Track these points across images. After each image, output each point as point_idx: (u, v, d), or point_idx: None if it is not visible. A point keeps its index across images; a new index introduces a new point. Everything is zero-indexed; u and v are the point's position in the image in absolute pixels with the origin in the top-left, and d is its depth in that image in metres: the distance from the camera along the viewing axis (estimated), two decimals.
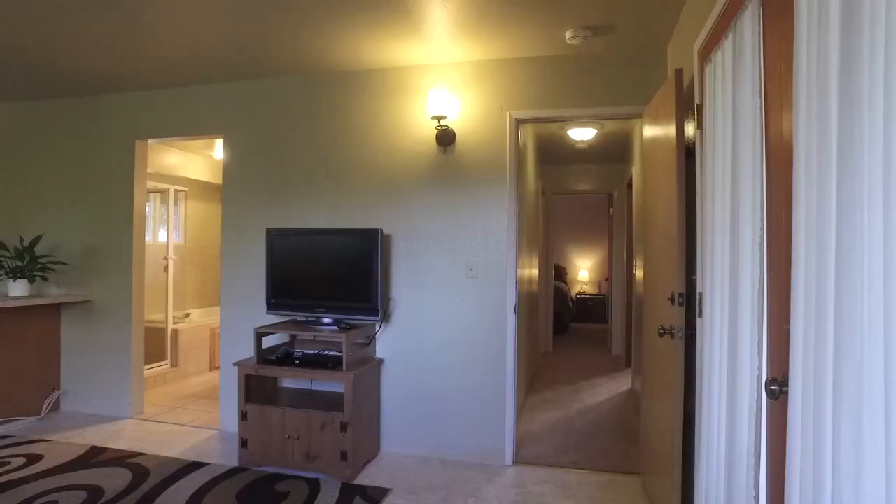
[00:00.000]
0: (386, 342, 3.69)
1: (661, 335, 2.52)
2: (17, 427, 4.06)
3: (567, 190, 7.48)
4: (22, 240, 4.30)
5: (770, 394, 1.28)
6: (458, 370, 3.56)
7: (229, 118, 4.06)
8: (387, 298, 3.67)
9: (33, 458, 3.45)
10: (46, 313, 4.38)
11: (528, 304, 5.17)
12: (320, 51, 3.43)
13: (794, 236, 1.10)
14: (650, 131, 2.97)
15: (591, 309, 10.33)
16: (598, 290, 10.70)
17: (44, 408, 4.34)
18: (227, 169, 4.06)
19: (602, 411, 4.64)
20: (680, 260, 2.41)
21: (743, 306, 1.58)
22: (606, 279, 10.19)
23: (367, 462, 3.46)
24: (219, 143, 5.74)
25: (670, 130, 2.49)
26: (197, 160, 6.12)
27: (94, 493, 2.98)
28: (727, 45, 1.71)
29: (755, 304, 1.54)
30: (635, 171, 5.36)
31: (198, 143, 5.58)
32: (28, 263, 4.19)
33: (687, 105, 2.55)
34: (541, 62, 3.46)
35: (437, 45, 3.31)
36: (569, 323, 9.30)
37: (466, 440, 3.53)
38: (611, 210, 7.71)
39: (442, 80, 3.60)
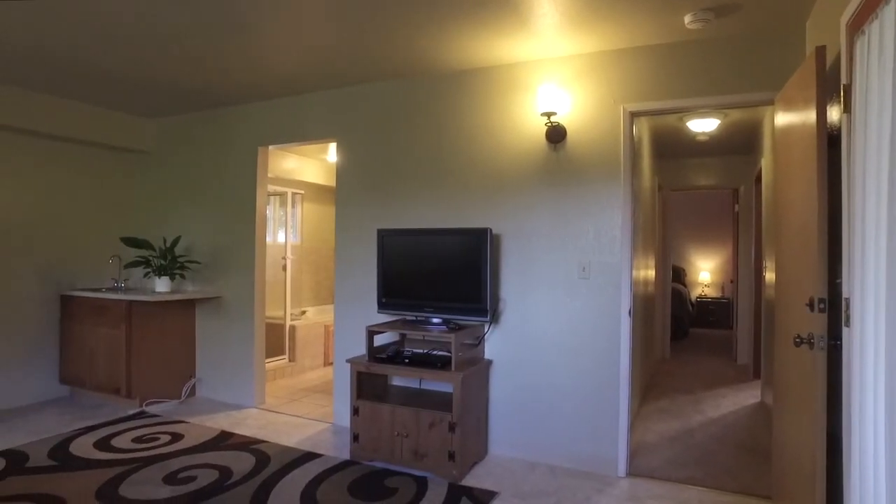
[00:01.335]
0: (495, 343, 3.65)
1: (797, 344, 2.26)
2: (163, 408, 4.50)
3: (686, 185, 7.03)
4: (165, 241, 4.77)
5: None
6: (568, 374, 3.44)
7: (341, 122, 4.22)
8: (496, 299, 3.63)
9: (176, 437, 3.81)
10: (184, 308, 4.82)
11: (643, 308, 4.90)
12: (427, 52, 3.47)
13: None
14: (784, 118, 2.68)
15: (713, 313, 9.65)
16: (720, 293, 9.98)
17: (183, 392, 4.77)
18: (340, 171, 4.23)
19: (726, 424, 4.29)
20: (820, 261, 2.14)
21: None
22: (731, 281, 9.47)
23: (475, 463, 3.43)
24: (332, 147, 6.01)
25: (809, 116, 2.23)
26: (312, 164, 6.46)
27: (224, 472, 3.21)
28: (888, 12, 1.48)
29: None
30: (765, 164, 4.90)
31: (312, 147, 5.87)
32: (170, 262, 4.64)
33: (830, 87, 2.26)
34: (657, 51, 3.26)
35: (545, 39, 3.22)
36: (688, 328, 8.73)
37: (576, 447, 3.40)
38: (736, 207, 7.13)
39: (551, 76, 3.50)
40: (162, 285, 4.66)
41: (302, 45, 3.38)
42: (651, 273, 5.74)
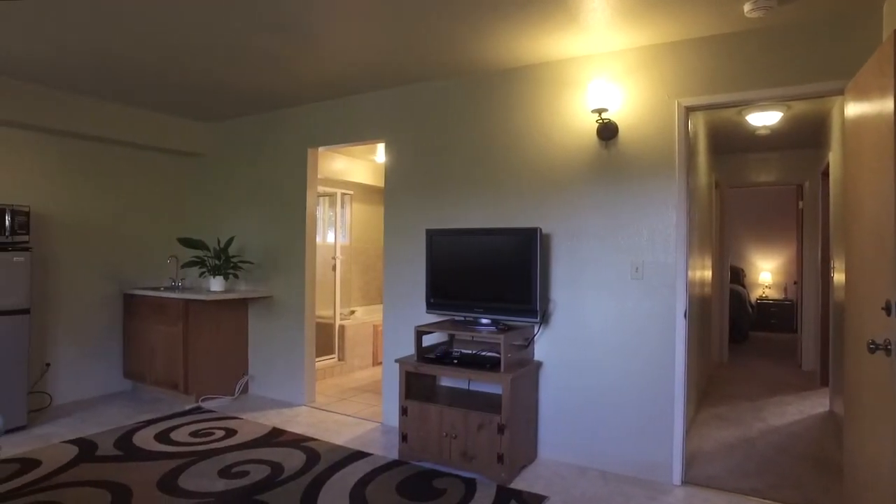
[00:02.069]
0: (544, 345, 3.59)
1: (871, 351, 2.11)
2: (217, 404, 4.63)
3: (745, 182, 6.74)
4: (219, 241, 4.91)
5: None
6: (620, 377, 3.34)
7: (390, 123, 4.24)
8: (546, 300, 3.56)
9: (230, 432, 3.91)
10: (237, 307, 4.95)
11: (699, 309, 4.72)
12: (475, 51, 3.44)
13: None
14: (856, 109, 2.52)
15: (775, 316, 9.22)
16: (783, 295, 9.53)
17: (236, 389, 4.91)
18: (389, 172, 4.25)
19: (791, 434, 4.07)
20: None
21: None
22: (795, 283, 9.03)
23: (524, 467, 3.38)
24: (380, 148, 6.06)
25: (885, 105, 2.07)
26: (360, 164, 6.53)
27: (275, 468, 3.28)
28: None
29: None
30: (833, 158, 4.64)
31: (361, 148, 5.94)
32: (224, 262, 4.78)
33: None
34: (714, 42, 3.12)
35: (595, 34, 3.14)
36: (747, 331, 8.37)
37: (629, 453, 3.30)
38: (800, 203, 6.78)
39: (602, 71, 3.41)
40: (216, 285, 4.81)
41: (351, 47, 3.41)
42: (708, 274, 5.52)
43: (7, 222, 3.91)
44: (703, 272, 5.13)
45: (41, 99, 4.22)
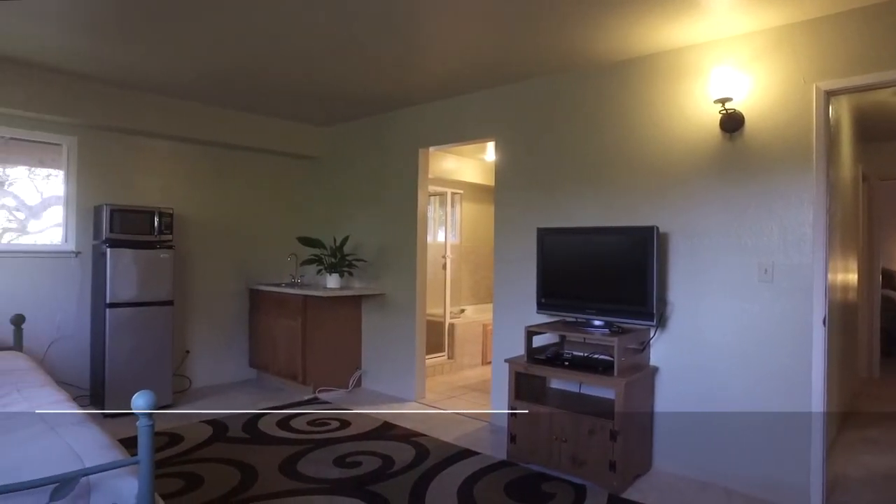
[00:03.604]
0: (661, 349, 3.40)
1: None
2: (332, 396, 4.87)
3: None
4: (335, 240, 5.16)
5: None
6: (747, 388, 3.07)
7: (499, 121, 4.22)
8: (662, 302, 3.37)
9: (344, 424, 4.09)
10: (352, 303, 5.18)
11: (841, 317, 4.24)
12: (585, 44, 3.33)
13: None
14: None
15: None
16: None
17: (350, 383, 5.13)
18: (499, 170, 4.24)
19: None
20: None
21: None
22: None
23: (637, 476, 3.22)
24: (489, 146, 6.06)
25: None
26: (470, 164, 6.58)
27: (386, 461, 3.38)
28: None
29: None
30: None
31: (470, 147, 5.95)
32: (339, 260, 5.02)
33: None
34: (861, 15, 2.77)
35: (719, 17, 2.91)
36: None
37: (758, 471, 3.02)
38: None
39: (725, 57, 3.16)
40: (332, 282, 5.06)
41: (459, 47, 3.44)
42: (852, 277, 4.96)
43: (155, 223, 4.37)
44: (847, 275, 4.61)
45: (180, 112, 4.69)
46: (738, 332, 3.11)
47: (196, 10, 2.94)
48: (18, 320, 3.64)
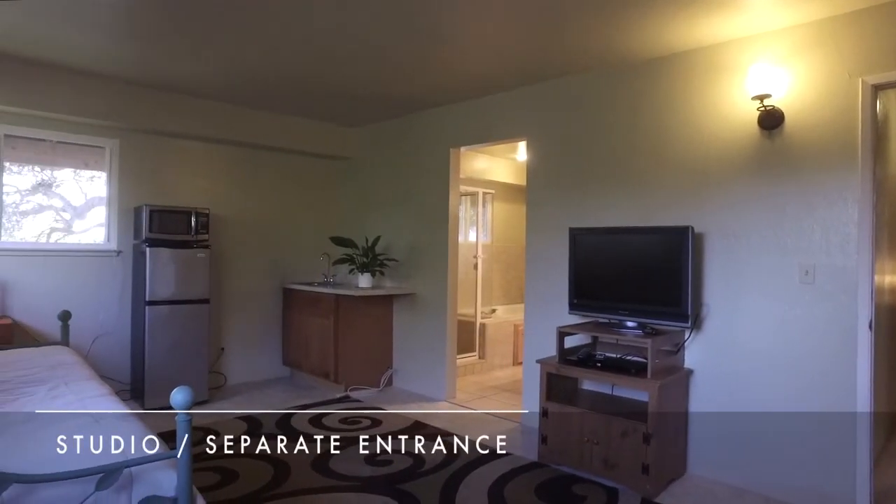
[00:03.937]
0: (696, 351, 3.33)
1: None
2: (364, 394, 4.92)
3: None
4: (366, 240, 5.21)
5: None
6: (787, 392, 2.99)
7: (530, 120, 4.20)
8: (698, 303, 3.30)
9: (375, 422, 4.13)
10: (383, 302, 5.22)
11: (888, 320, 4.08)
12: (617, 41, 3.29)
13: None
14: None
15: None
16: None
17: (381, 382, 5.17)
18: (530, 170, 4.22)
19: None
20: None
21: None
22: None
23: (671, 481, 3.16)
24: (521, 146, 6.03)
25: None
26: (501, 163, 6.56)
27: (417, 460, 3.39)
28: None
29: None
30: None
31: (502, 147, 5.94)
32: (371, 260, 5.06)
33: None
34: None
35: (758, 12, 2.84)
36: None
37: (797, 480, 2.94)
38: None
39: (763, 53, 3.08)
40: (364, 281, 5.10)
41: (491, 48, 3.44)
42: None
43: (192, 223, 4.48)
44: (895, 277, 4.44)
45: (215, 114, 4.80)
46: (777, 335, 3.03)
47: (234, 16, 3.01)
48: (65, 316, 3.77)
